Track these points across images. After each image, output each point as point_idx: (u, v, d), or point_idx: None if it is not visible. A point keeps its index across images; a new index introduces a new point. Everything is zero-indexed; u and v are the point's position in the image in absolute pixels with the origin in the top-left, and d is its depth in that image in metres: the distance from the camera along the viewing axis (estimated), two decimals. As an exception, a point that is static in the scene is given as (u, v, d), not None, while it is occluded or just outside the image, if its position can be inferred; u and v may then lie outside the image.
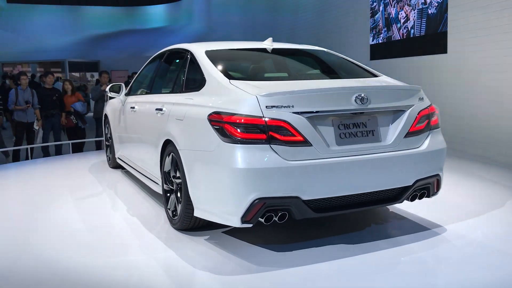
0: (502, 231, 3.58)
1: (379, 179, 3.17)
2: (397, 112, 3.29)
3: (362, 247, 3.24)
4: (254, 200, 2.87)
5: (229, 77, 3.40)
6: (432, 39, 8.17)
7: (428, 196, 3.44)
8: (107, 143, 6.29)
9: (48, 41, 27.18)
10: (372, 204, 3.29)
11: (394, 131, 3.24)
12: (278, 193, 2.90)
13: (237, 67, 3.92)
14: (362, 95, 3.09)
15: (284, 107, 2.94)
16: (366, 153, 3.12)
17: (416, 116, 3.31)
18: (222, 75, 3.43)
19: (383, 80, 3.72)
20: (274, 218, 2.97)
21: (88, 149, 8.89)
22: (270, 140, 2.90)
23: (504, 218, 3.85)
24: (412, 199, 3.40)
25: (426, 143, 3.35)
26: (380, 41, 9.89)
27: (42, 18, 28.17)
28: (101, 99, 8.88)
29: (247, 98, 3.00)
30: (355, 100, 3.08)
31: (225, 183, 2.98)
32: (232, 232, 3.52)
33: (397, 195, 3.30)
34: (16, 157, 8.31)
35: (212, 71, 3.51)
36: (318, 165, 2.96)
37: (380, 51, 9.96)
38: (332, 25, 11.98)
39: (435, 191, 3.46)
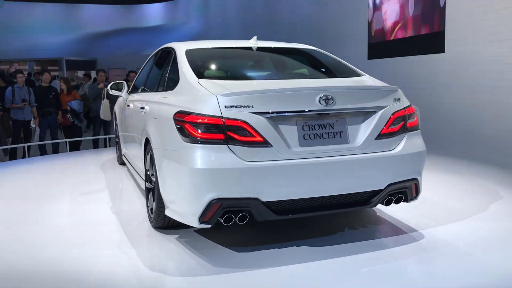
0: (487, 239, 3.46)
1: (346, 182, 3.08)
2: (369, 113, 3.18)
3: (329, 251, 3.16)
4: (211, 201, 2.85)
5: (201, 76, 3.38)
6: (429, 38, 8.17)
7: (406, 201, 3.33)
8: (117, 140, 6.41)
9: (45, 39, 27.10)
10: (340, 208, 3.18)
11: (364, 132, 3.14)
12: (236, 194, 2.86)
13: (213, 66, 3.90)
14: (327, 95, 3.02)
15: (244, 107, 2.89)
16: (331, 155, 3.02)
17: (390, 118, 3.20)
18: (193, 74, 3.41)
19: (361, 80, 3.58)
20: (234, 219, 2.94)
21: (85, 148, 8.88)
22: (228, 140, 2.87)
23: (493, 224, 3.75)
24: (387, 203, 3.29)
25: (401, 146, 3.22)
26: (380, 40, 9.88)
27: (39, 16, 28.07)
28: (98, 98, 8.87)
29: (207, 97, 2.99)
30: (319, 101, 3.00)
31: (184, 183, 2.98)
32: (203, 232, 3.53)
33: (368, 198, 3.19)
34: (13, 156, 8.28)
35: (185, 70, 3.50)
36: (277, 166, 2.90)
37: (378, 51, 9.96)
38: (329, 24, 11.97)
39: (414, 195, 3.34)
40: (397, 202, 3.31)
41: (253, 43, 4.15)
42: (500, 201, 4.33)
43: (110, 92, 5.46)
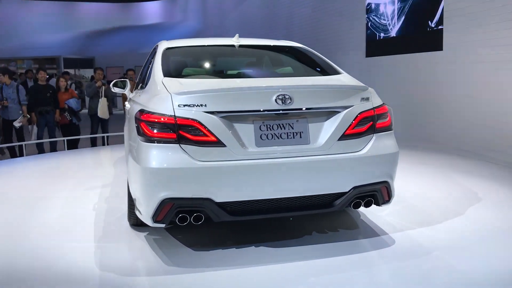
0: (464, 244, 3.32)
1: (305, 184, 2.98)
2: (332, 113, 3.07)
3: (287, 254, 3.10)
4: (163, 200, 2.84)
5: (169, 74, 3.35)
6: (427, 36, 8.17)
7: (378, 204, 3.21)
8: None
9: (42, 38, 27.02)
10: (301, 210, 3.08)
11: (326, 133, 3.03)
12: (188, 194, 2.84)
13: (184, 65, 3.85)
14: (284, 94, 2.94)
15: (197, 106, 2.86)
16: (289, 155, 2.94)
17: (355, 118, 3.08)
18: (161, 72, 3.38)
19: (332, 78, 3.46)
20: (189, 219, 2.91)
21: (83, 146, 8.86)
22: (180, 140, 2.85)
23: (470, 228, 3.62)
24: (356, 207, 3.17)
25: (368, 147, 3.10)
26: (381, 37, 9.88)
27: (37, 14, 27.99)
28: (96, 96, 8.85)
29: (163, 96, 2.98)
30: (276, 100, 2.93)
31: (139, 181, 2.98)
32: (171, 230, 3.56)
33: (331, 201, 3.09)
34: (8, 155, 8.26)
35: (156, 69, 3.50)
36: (230, 166, 2.85)
37: (376, 48, 9.95)
38: (328, 21, 11.96)
39: (386, 199, 3.21)
40: (366, 205, 3.21)
41: (235, 40, 4.04)
42: (482, 202, 4.24)
43: (113, 90, 5.45)
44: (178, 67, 3.72)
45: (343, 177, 3.05)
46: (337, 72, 3.60)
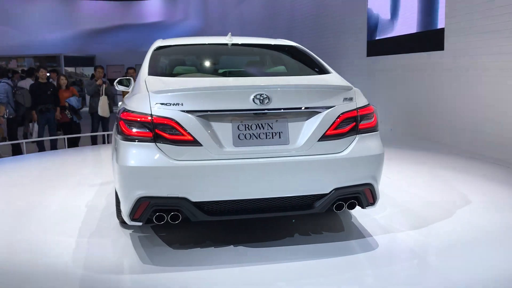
0: (447, 248, 3.24)
1: (284, 185, 2.95)
2: (313, 113, 3.01)
3: (262, 256, 3.07)
4: (139, 198, 2.84)
5: (154, 73, 3.35)
6: (429, 36, 8.16)
7: (362, 207, 3.15)
8: None
9: (43, 35, 27.03)
10: (280, 211, 3.04)
11: (306, 133, 2.98)
12: (163, 193, 2.84)
13: (170, 63, 3.83)
14: (261, 94, 2.91)
15: (173, 105, 2.86)
16: (267, 155, 2.90)
17: (337, 118, 3.02)
18: (146, 71, 3.39)
19: (317, 78, 3.39)
20: (166, 218, 2.91)
21: (84, 144, 8.86)
22: (156, 139, 2.85)
23: (456, 233, 3.52)
24: (338, 209, 3.10)
25: (350, 148, 3.03)
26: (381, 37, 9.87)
27: (38, 12, 27.98)
28: (96, 94, 8.85)
29: (141, 95, 2.98)
30: (253, 100, 2.89)
31: (117, 180, 3.00)
32: (156, 228, 3.59)
33: (311, 203, 3.04)
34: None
35: (143, 67, 3.50)
36: (206, 166, 2.84)
37: (377, 48, 9.94)
38: (329, 20, 11.95)
39: (370, 202, 3.13)
40: (350, 207, 3.15)
41: (228, 39, 3.98)
42: (481, 206, 4.16)
43: (117, 88, 5.42)
44: (165, 65, 3.71)
45: (323, 179, 3.00)
46: (326, 71, 3.53)
